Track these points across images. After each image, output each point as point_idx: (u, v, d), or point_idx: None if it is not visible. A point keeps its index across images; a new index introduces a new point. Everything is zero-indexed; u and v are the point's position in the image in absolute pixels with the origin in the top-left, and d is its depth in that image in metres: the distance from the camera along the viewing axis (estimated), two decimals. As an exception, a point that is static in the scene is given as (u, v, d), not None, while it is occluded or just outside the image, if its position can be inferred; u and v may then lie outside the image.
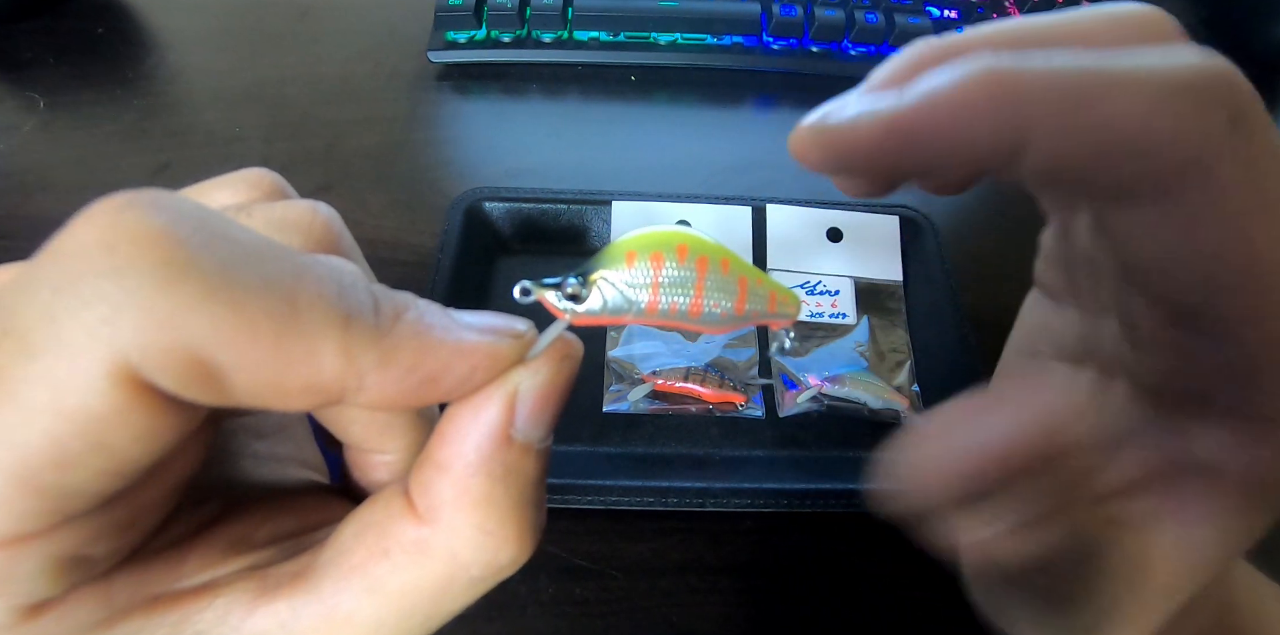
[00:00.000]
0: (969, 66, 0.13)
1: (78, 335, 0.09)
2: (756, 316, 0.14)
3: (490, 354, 0.12)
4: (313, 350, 0.11)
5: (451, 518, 0.12)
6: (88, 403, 0.10)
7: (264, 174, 0.17)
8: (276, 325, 0.10)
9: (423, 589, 0.12)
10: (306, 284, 0.11)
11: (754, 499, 0.30)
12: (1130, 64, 0.12)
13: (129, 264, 0.10)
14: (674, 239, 0.14)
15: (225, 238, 0.10)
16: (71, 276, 0.10)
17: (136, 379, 0.10)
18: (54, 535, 0.11)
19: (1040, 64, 0.12)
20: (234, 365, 0.10)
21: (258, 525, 0.15)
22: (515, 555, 0.13)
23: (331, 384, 0.11)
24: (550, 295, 0.13)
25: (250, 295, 0.10)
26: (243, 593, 0.13)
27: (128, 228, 0.10)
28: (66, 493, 0.10)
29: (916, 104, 0.13)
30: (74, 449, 0.10)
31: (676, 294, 0.14)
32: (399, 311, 0.12)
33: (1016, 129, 0.12)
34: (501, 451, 0.12)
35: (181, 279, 0.10)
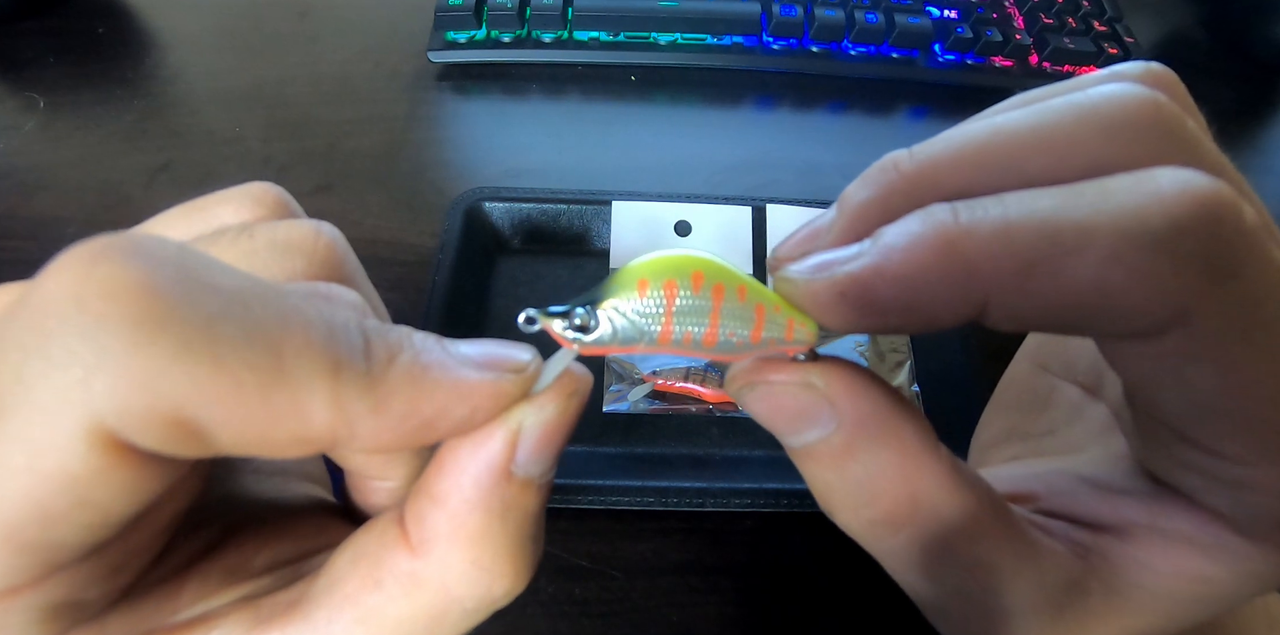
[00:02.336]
0: (920, 229, 0.12)
1: (50, 398, 0.09)
2: (773, 344, 0.14)
3: (492, 394, 0.12)
4: (301, 403, 0.10)
5: (445, 552, 0.12)
6: (65, 464, 0.09)
7: (268, 189, 0.16)
8: (261, 379, 0.10)
9: (416, 620, 0.12)
10: (294, 330, 0.10)
11: (754, 499, 0.30)
12: (1086, 212, 0.11)
13: (101, 321, 0.09)
14: (689, 265, 0.13)
15: (206, 284, 0.10)
16: (41, 335, 0.09)
17: (114, 440, 0.09)
18: (43, 586, 0.10)
19: (991, 222, 0.12)
20: (217, 422, 0.10)
21: (255, 552, 0.14)
22: (510, 589, 0.12)
23: (322, 435, 0.11)
24: (556, 325, 0.13)
25: (233, 349, 0.10)
26: (238, 624, 0.12)
27: (100, 280, 0.09)
28: (52, 547, 0.10)
29: (866, 271, 0.12)
30: (55, 507, 0.09)
31: (691, 323, 0.13)
32: (393, 353, 0.11)
33: (970, 295, 0.12)
34: (501, 487, 0.12)
35: (158, 335, 0.09)
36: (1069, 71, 0.48)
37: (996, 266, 0.12)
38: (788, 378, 0.14)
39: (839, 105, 0.48)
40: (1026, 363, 0.22)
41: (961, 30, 0.48)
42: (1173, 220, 0.11)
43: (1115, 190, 0.11)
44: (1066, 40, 0.48)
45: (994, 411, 0.23)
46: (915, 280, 0.12)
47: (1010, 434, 0.21)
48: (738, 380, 0.15)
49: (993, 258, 0.11)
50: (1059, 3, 0.51)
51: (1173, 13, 0.56)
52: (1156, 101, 0.12)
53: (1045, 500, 0.17)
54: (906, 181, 0.13)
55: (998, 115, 0.14)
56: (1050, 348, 0.21)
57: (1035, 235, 0.11)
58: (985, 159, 0.13)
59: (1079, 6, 0.51)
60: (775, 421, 0.15)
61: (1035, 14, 0.50)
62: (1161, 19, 0.55)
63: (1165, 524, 0.15)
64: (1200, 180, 0.11)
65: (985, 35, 0.48)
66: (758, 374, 0.15)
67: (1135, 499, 0.15)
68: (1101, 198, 0.11)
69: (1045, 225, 0.11)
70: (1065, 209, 0.11)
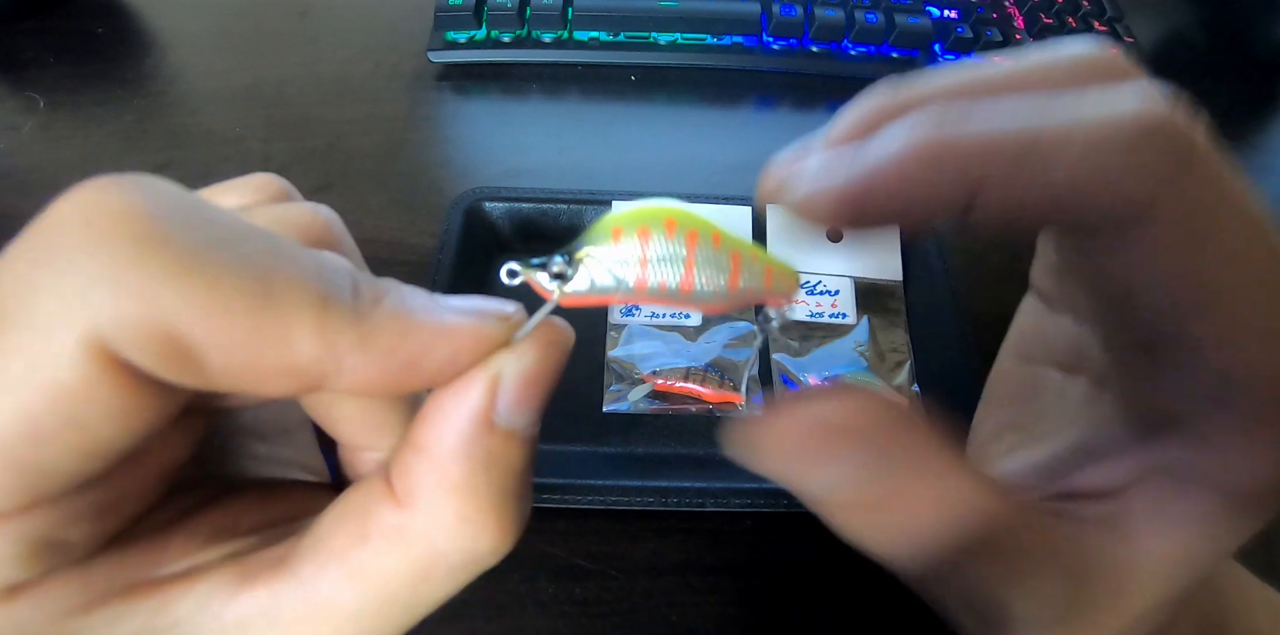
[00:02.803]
0: (913, 130, 0.13)
1: (52, 306, 0.10)
2: (751, 293, 0.14)
3: (474, 335, 0.12)
4: (288, 330, 0.10)
5: (430, 502, 0.12)
6: (61, 376, 0.10)
7: (270, 179, 0.16)
8: (251, 303, 0.10)
9: (401, 575, 0.12)
10: (284, 264, 0.11)
11: (754, 499, 0.30)
12: (1069, 115, 0.13)
13: (104, 238, 0.10)
14: (661, 214, 0.13)
15: (204, 218, 0.10)
16: (48, 250, 0.10)
17: (109, 353, 0.10)
18: (30, 515, 0.11)
19: (980, 124, 0.13)
20: (207, 343, 0.10)
21: (243, 513, 0.14)
22: (495, 545, 0.12)
23: (309, 366, 0.11)
24: (537, 276, 0.13)
25: (224, 273, 0.10)
26: (223, 579, 0.12)
27: (106, 204, 0.10)
28: (41, 470, 0.10)
29: (862, 175, 0.13)
30: (48, 424, 0.10)
31: (666, 270, 0.13)
32: (379, 295, 0.12)
33: (962, 188, 0.13)
34: (483, 437, 0.12)
35: (156, 254, 0.10)
36: (1069, 71, 0.48)
37: (985, 160, 0.13)
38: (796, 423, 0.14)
39: (839, 105, 0.47)
40: (1010, 356, 0.22)
41: (961, 30, 0.48)
42: (1139, 120, 0.12)
43: (1090, 98, 0.13)
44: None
45: (985, 408, 0.23)
46: (909, 178, 0.13)
47: (1003, 428, 0.22)
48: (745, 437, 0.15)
49: (981, 154, 0.13)
50: (1059, 3, 0.51)
51: (1173, 13, 0.56)
52: (1112, 50, 0.14)
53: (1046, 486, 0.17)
54: (896, 102, 0.15)
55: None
56: (1030, 338, 0.21)
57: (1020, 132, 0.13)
58: (967, 88, 0.14)
59: (1079, 6, 0.51)
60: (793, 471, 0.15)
61: (1035, 14, 0.50)
62: (1161, 19, 0.55)
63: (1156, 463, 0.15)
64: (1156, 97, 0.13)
65: (985, 35, 0.48)
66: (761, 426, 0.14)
67: (1125, 454, 0.16)
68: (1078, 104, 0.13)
69: (1028, 124, 0.13)
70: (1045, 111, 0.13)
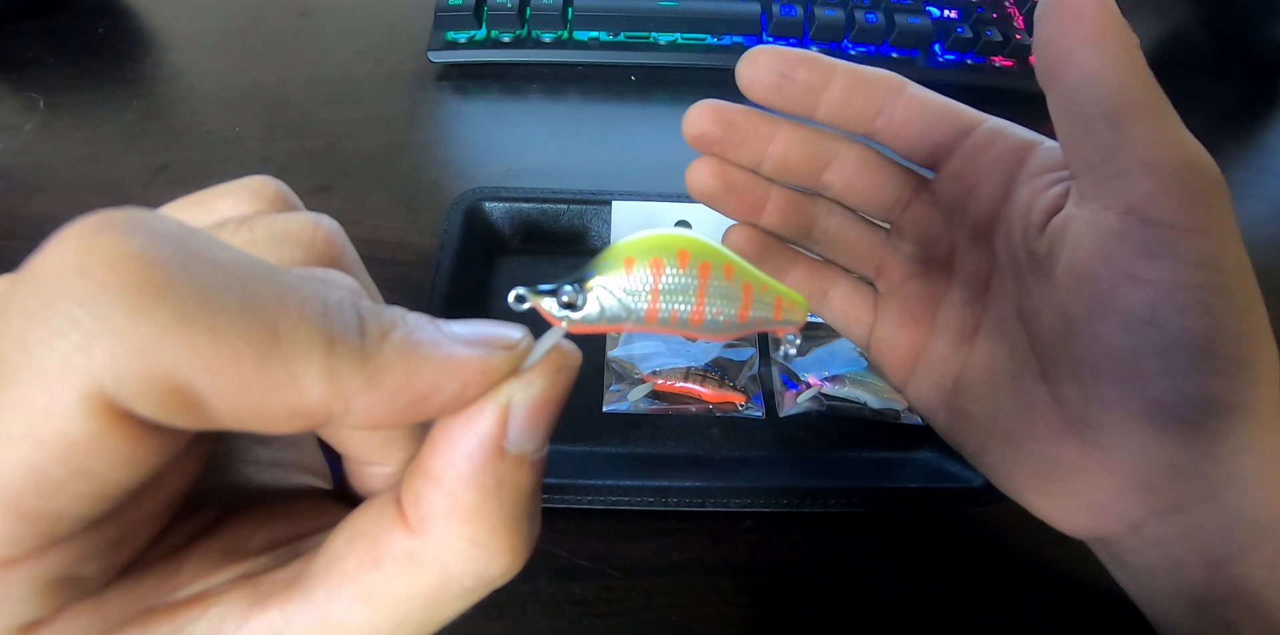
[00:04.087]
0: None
1: (51, 364, 0.09)
2: (761, 323, 0.14)
3: (482, 369, 0.12)
4: (295, 375, 0.10)
5: (443, 530, 0.12)
6: (64, 431, 0.09)
7: (267, 182, 0.16)
8: (257, 351, 0.10)
9: (415, 598, 0.12)
10: (289, 306, 0.10)
11: (754, 499, 0.30)
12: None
13: (102, 289, 0.09)
14: (674, 243, 0.13)
15: (204, 259, 0.10)
16: (44, 302, 0.09)
17: (113, 406, 0.10)
18: (42, 558, 0.11)
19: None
20: (213, 392, 0.10)
21: (252, 532, 0.14)
22: (507, 567, 0.13)
23: (316, 408, 0.11)
24: (546, 303, 0.13)
25: (229, 320, 0.10)
26: (236, 602, 0.12)
27: (102, 250, 0.09)
28: (51, 517, 0.10)
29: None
30: (54, 475, 0.10)
31: (677, 301, 0.13)
32: (385, 330, 0.11)
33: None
34: (494, 464, 0.12)
35: (157, 304, 0.09)
36: (1069, 71, 0.48)
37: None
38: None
39: (839, 105, 0.48)
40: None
41: (961, 30, 0.48)
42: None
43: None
44: (1066, 40, 0.48)
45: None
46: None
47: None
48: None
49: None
50: (1059, 3, 0.51)
51: (1173, 13, 0.56)
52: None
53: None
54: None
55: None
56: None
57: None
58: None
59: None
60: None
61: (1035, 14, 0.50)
62: (1161, 19, 0.55)
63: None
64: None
65: (985, 35, 0.48)
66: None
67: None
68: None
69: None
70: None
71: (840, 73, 0.25)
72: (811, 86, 0.25)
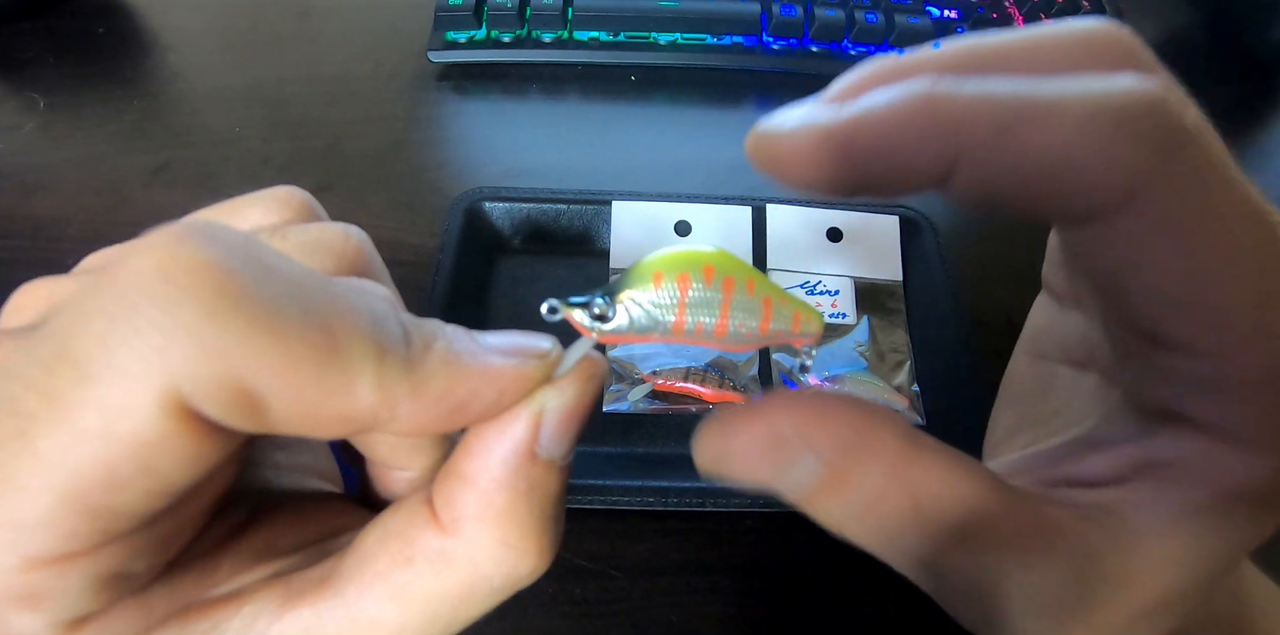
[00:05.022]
0: (906, 88, 0.13)
1: (131, 363, 0.10)
2: (780, 335, 0.14)
3: (517, 378, 0.13)
4: (351, 382, 0.11)
5: (474, 530, 0.12)
6: (138, 428, 0.10)
7: (294, 193, 0.17)
8: (319, 357, 0.10)
9: (445, 597, 0.13)
10: (345, 316, 0.11)
11: (754, 499, 0.30)
12: (1059, 91, 0.12)
13: (183, 295, 0.10)
14: (700, 259, 0.14)
15: (270, 270, 0.11)
16: (127, 305, 0.10)
17: (184, 406, 0.10)
18: (99, 554, 0.11)
19: (973, 89, 0.13)
20: (276, 395, 0.10)
21: (282, 532, 0.15)
22: (535, 567, 0.13)
23: (366, 414, 0.11)
24: (577, 314, 0.13)
25: (295, 328, 0.10)
26: (269, 599, 0.13)
27: (183, 259, 0.10)
28: (113, 513, 0.11)
29: (849, 120, 0.13)
30: (123, 472, 0.10)
31: (702, 314, 0.14)
32: (428, 341, 0.12)
33: (945, 151, 0.13)
34: (526, 468, 0.13)
35: (232, 311, 0.10)
36: (1069, 71, 0.48)
37: (974, 125, 0.12)
38: (753, 434, 0.14)
39: (839, 105, 0.48)
40: (1024, 354, 0.22)
41: (961, 30, 0.48)
42: (1132, 102, 0.12)
43: (1085, 79, 0.13)
44: (1066, 40, 0.48)
45: (1001, 407, 0.23)
46: (897, 130, 0.13)
47: (1020, 425, 0.22)
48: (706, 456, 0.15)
49: (971, 116, 0.12)
50: (1059, 3, 0.51)
51: (1173, 13, 0.56)
52: (1121, 29, 0.14)
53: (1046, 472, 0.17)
54: (892, 71, 0.14)
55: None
56: (1043, 335, 0.21)
57: (1011, 101, 0.12)
58: (969, 60, 0.14)
59: (1079, 6, 0.51)
60: (762, 477, 0.15)
61: (1035, 14, 0.50)
62: (1161, 19, 0.55)
63: (1158, 455, 0.15)
64: (1154, 82, 0.13)
65: (985, 35, 0.48)
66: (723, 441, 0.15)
67: (1129, 444, 0.16)
68: (1072, 83, 0.13)
69: (1020, 95, 0.13)
70: (1040, 87, 0.13)
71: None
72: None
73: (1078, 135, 0.12)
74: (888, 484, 0.14)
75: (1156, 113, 0.12)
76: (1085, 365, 0.19)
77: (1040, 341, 0.22)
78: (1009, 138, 0.12)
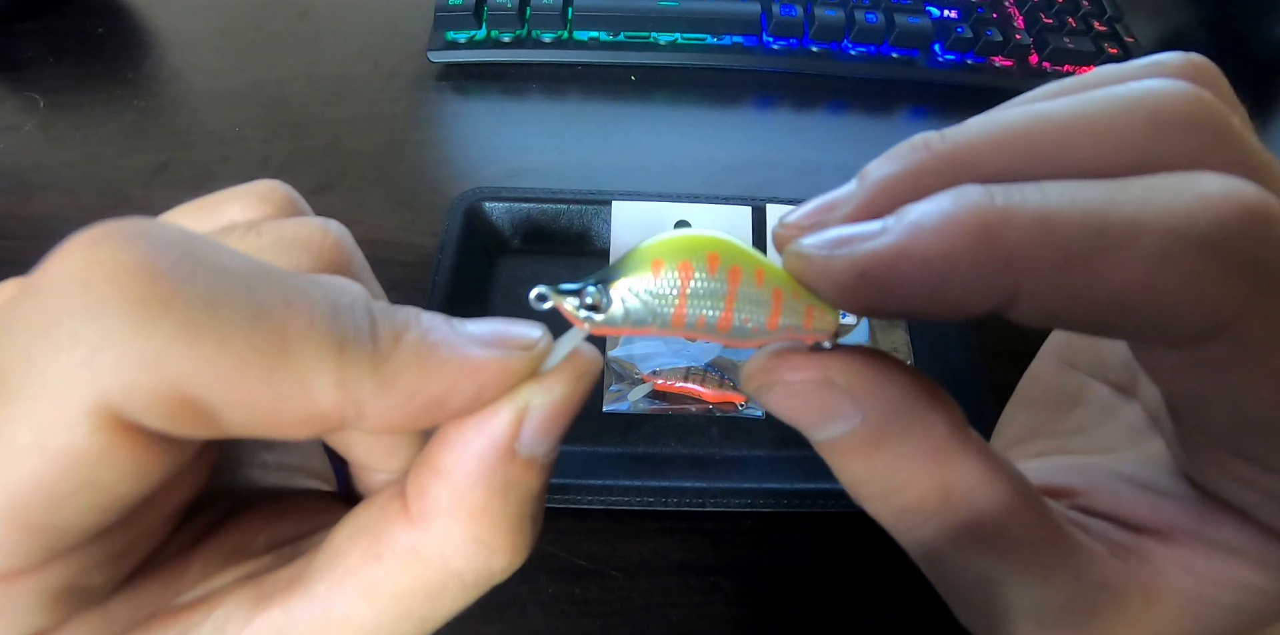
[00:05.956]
0: (955, 206, 0.11)
1: (55, 378, 0.09)
2: (791, 331, 0.13)
3: (499, 372, 0.12)
4: (306, 382, 0.10)
5: (445, 525, 0.12)
6: (70, 444, 0.09)
7: (275, 186, 0.16)
8: (266, 359, 0.10)
9: (416, 593, 0.12)
10: (298, 310, 0.10)
11: (754, 499, 0.30)
12: (1132, 210, 0.11)
13: (105, 302, 0.09)
14: (704, 246, 0.13)
15: (211, 266, 0.10)
16: (48, 316, 0.09)
17: (119, 419, 0.09)
18: (46, 570, 0.11)
19: (1032, 208, 0.11)
20: (223, 402, 0.10)
21: (256, 532, 0.14)
22: (508, 564, 0.12)
23: (329, 414, 0.11)
24: (568, 303, 0.12)
25: (237, 329, 0.10)
26: (240, 602, 0.12)
27: (104, 262, 0.09)
28: (56, 529, 0.10)
29: (892, 249, 0.11)
30: (61, 488, 0.10)
31: (705, 306, 0.13)
32: (399, 332, 0.11)
33: (1000, 288, 0.11)
34: (504, 464, 0.12)
35: (161, 315, 0.09)
36: (1069, 71, 0.48)
37: (1034, 256, 0.11)
38: (806, 376, 0.14)
39: (839, 105, 0.48)
40: (1052, 359, 0.21)
41: (961, 30, 0.48)
42: (1221, 224, 0.10)
43: (1161, 189, 0.11)
44: (1066, 40, 0.48)
45: (1016, 409, 0.23)
46: (945, 264, 0.11)
47: (1035, 432, 0.21)
48: (754, 379, 0.14)
49: (1031, 246, 0.11)
50: (1059, 3, 0.51)
51: (1173, 13, 0.56)
52: (1202, 99, 0.12)
53: (1084, 497, 0.16)
54: (937, 161, 0.13)
55: (1035, 103, 0.13)
56: (1078, 344, 0.20)
57: (1079, 226, 0.11)
58: (1024, 145, 0.12)
59: (1079, 6, 0.51)
60: (797, 419, 0.14)
61: (1035, 14, 0.50)
62: (1161, 19, 0.55)
63: (1213, 533, 0.14)
64: (1246, 186, 0.11)
65: (985, 35, 0.48)
66: (774, 373, 0.14)
67: (1181, 503, 0.15)
68: (1148, 195, 0.11)
69: (1089, 217, 0.11)
70: (1111, 203, 0.11)
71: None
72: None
73: (1157, 269, 0.10)
74: (924, 470, 0.14)
75: (1250, 234, 0.10)
76: (1127, 391, 0.18)
77: (1072, 351, 0.21)
78: (1076, 273, 0.11)
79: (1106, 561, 0.15)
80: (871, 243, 0.12)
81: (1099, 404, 0.19)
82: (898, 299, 0.12)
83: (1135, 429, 0.18)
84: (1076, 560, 0.14)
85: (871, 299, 0.12)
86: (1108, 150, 0.12)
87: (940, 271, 0.11)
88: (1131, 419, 0.18)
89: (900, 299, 0.12)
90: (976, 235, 0.11)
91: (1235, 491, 0.14)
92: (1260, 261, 0.10)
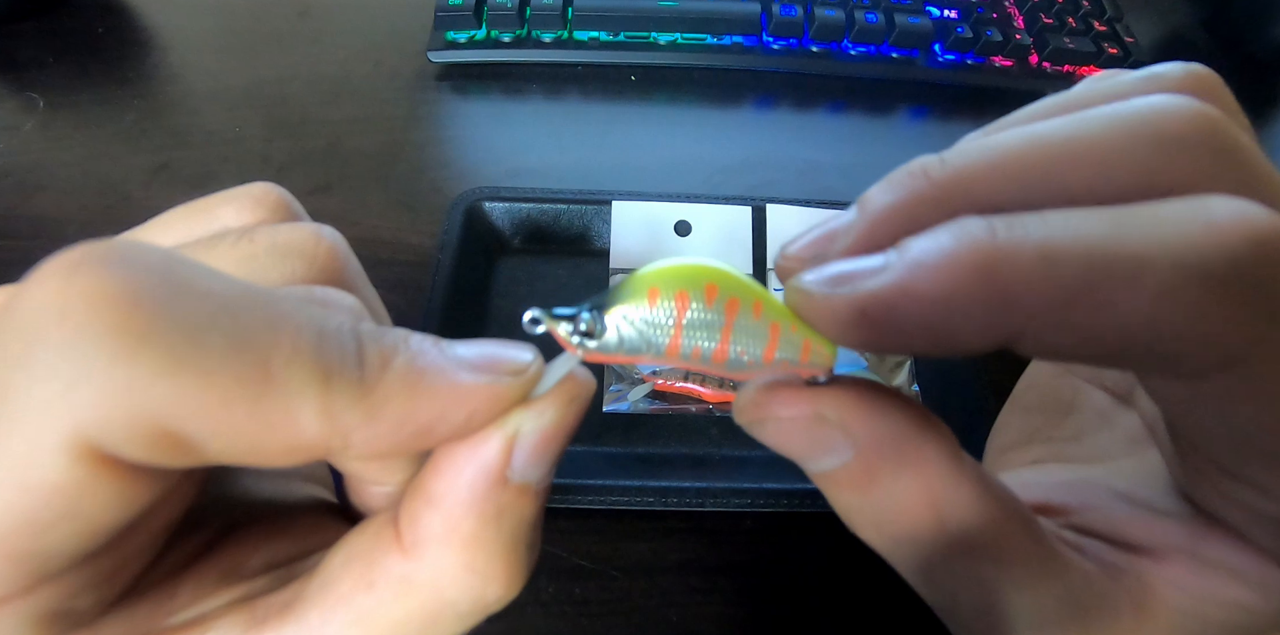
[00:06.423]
0: (955, 242, 0.11)
1: (31, 411, 0.09)
2: (786, 365, 0.13)
3: (490, 398, 0.12)
4: (291, 413, 0.10)
5: (438, 554, 0.12)
6: (48, 477, 0.09)
7: (269, 189, 0.16)
8: (249, 390, 0.10)
9: (410, 623, 0.12)
10: (283, 337, 0.10)
11: (754, 499, 0.30)
12: (1137, 244, 0.10)
13: (81, 333, 0.09)
14: (702, 276, 0.12)
15: (192, 291, 0.10)
16: (23, 347, 0.09)
17: (97, 451, 0.09)
18: (32, 595, 0.10)
19: (1035, 242, 0.11)
20: (205, 433, 0.10)
21: (252, 552, 0.14)
22: (503, 593, 0.12)
23: (314, 444, 0.10)
24: (562, 328, 0.12)
25: (219, 359, 0.09)
26: (232, 626, 0.12)
27: (80, 290, 0.09)
28: (40, 557, 0.10)
29: (891, 288, 0.11)
30: (42, 518, 0.09)
31: (701, 338, 0.13)
32: (386, 358, 0.11)
33: (1004, 328, 0.11)
34: (496, 492, 0.12)
35: (140, 347, 0.09)
36: (1069, 71, 0.48)
37: (1037, 294, 0.11)
38: (796, 412, 0.14)
39: (839, 105, 0.48)
40: (1047, 364, 0.21)
41: (961, 30, 0.48)
42: (1230, 256, 0.10)
43: (1167, 218, 0.11)
44: (1066, 40, 0.48)
45: (1013, 413, 0.22)
46: (946, 303, 0.11)
47: (1031, 437, 0.21)
48: (745, 414, 0.14)
49: (1034, 285, 0.11)
50: (1059, 3, 0.51)
51: (1173, 13, 0.56)
52: (1208, 116, 0.12)
53: (1078, 515, 0.16)
54: (936, 189, 0.12)
55: (1033, 123, 0.13)
56: None
57: (1082, 263, 0.10)
58: (1023, 170, 0.12)
59: (1079, 6, 0.51)
60: (789, 453, 0.14)
61: (1035, 14, 0.50)
62: (1161, 19, 0.55)
63: (1207, 552, 0.14)
64: (1255, 212, 0.10)
65: (985, 35, 0.48)
66: (765, 409, 0.14)
67: (1175, 521, 0.15)
68: (1153, 224, 0.10)
69: (1093, 252, 0.10)
70: (1115, 236, 0.10)
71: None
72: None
73: (1165, 305, 0.10)
74: (918, 500, 0.13)
75: (1261, 265, 0.10)
76: (1124, 400, 0.18)
77: None
78: (1080, 311, 0.10)
79: (1098, 581, 0.14)
80: (872, 281, 0.12)
81: (1096, 411, 0.19)
82: (898, 337, 0.12)
83: (1132, 439, 0.18)
84: (1068, 582, 0.14)
85: (871, 337, 0.12)
86: (1111, 174, 0.12)
87: (941, 311, 0.11)
88: (1129, 428, 0.18)
89: (901, 337, 0.12)
90: (977, 274, 0.11)
91: (1231, 512, 0.14)
92: (1272, 294, 0.10)
